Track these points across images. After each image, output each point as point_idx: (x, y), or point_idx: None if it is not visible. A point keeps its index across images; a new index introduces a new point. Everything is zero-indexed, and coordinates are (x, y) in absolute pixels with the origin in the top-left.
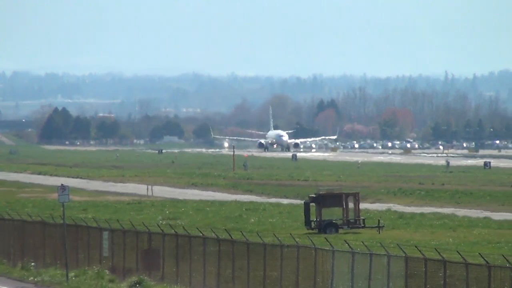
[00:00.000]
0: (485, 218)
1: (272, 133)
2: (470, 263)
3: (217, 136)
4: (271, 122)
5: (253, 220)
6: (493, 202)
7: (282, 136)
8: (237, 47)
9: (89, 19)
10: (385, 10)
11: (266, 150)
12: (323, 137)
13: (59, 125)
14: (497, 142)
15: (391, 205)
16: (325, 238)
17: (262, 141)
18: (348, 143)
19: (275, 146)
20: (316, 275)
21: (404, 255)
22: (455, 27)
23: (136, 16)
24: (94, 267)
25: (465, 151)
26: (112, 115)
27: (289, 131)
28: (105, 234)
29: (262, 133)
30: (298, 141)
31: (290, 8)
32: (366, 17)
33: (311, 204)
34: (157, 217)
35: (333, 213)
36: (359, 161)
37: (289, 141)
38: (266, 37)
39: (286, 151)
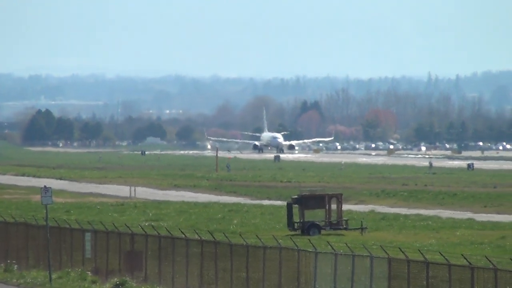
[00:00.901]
0: (468, 219)
1: (267, 135)
2: (453, 264)
3: (210, 138)
4: (265, 124)
5: (236, 222)
6: (476, 203)
7: (277, 138)
8: (219, 49)
9: (71, 21)
10: (368, 11)
11: (261, 152)
12: (319, 138)
13: (42, 127)
14: (480, 143)
15: (374, 206)
16: (308, 239)
17: (257, 143)
18: (331, 144)
19: (269, 148)
20: (299, 277)
21: (387, 256)
22: (438, 28)
23: (118, 18)
24: (77, 268)
25: (448, 153)
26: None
27: (283, 133)
28: (88, 236)
29: (249, 133)
30: (293, 142)
31: (272, 10)
32: (349, 19)
33: (294, 205)
34: (140, 219)
35: (316, 215)
36: (342, 163)
37: (284, 142)
38: (249, 38)
39: (280, 152)
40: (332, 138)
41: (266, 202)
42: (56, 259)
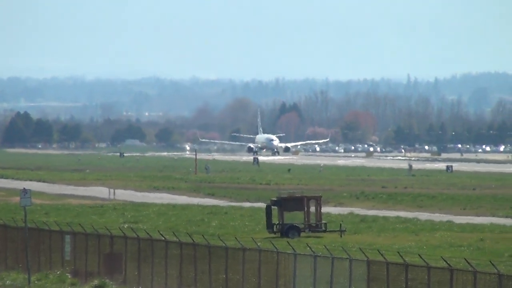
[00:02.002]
0: (447, 221)
1: (262, 137)
2: (432, 266)
3: (204, 140)
4: (260, 126)
5: (215, 224)
6: (455, 205)
7: (272, 140)
8: (198, 51)
9: (51, 22)
10: (347, 13)
11: (255, 154)
12: (315, 140)
13: (21, 129)
14: (459, 145)
15: (353, 208)
16: (287, 241)
17: (252, 145)
18: (309, 146)
19: (264, 150)
20: (278, 279)
21: (366, 258)
22: (417, 30)
23: (97, 20)
24: (56, 270)
25: (428, 155)
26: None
27: (278, 135)
28: (67, 238)
29: (245, 136)
30: (289, 145)
31: (251, 11)
32: (328, 20)
33: (273, 207)
34: (119, 221)
35: (295, 217)
36: (321, 165)
37: (280, 145)
38: (228, 40)
39: (276, 155)
40: (328, 140)
41: (245, 204)
42: (35, 261)
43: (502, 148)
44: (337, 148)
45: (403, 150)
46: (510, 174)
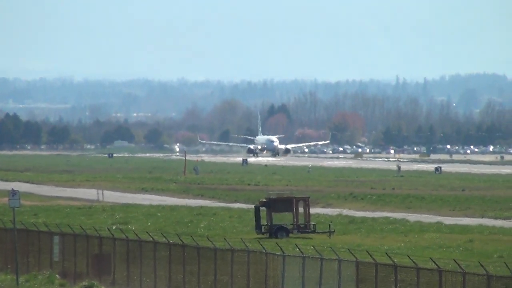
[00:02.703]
0: (436, 222)
1: (262, 138)
2: (421, 267)
3: (202, 141)
4: (260, 127)
5: (203, 225)
6: (444, 206)
7: (273, 141)
8: (187, 52)
9: (39, 24)
10: (335, 14)
11: (256, 155)
12: (316, 142)
13: (10, 130)
14: (448, 146)
15: (342, 209)
16: (276, 242)
17: (252, 146)
18: (297, 147)
19: (264, 152)
20: (267, 280)
21: (355, 259)
22: (406, 31)
23: (86, 21)
24: (45, 271)
25: (416, 156)
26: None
27: (278, 136)
28: (56, 239)
29: (242, 136)
30: (289, 146)
31: (239, 12)
32: (317, 22)
33: (261, 208)
34: (107, 222)
35: (283, 218)
36: (310, 166)
37: (280, 146)
38: (216, 42)
39: (276, 156)
40: (329, 141)
41: (234, 205)
42: (23, 262)
43: (491, 149)
44: (325, 149)
45: (392, 151)
46: (499, 175)
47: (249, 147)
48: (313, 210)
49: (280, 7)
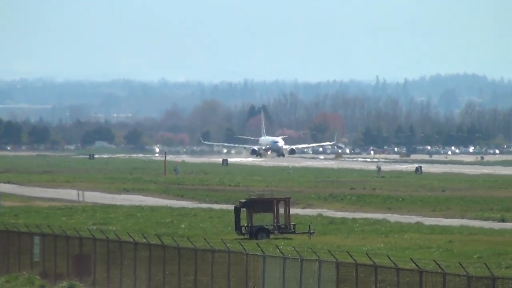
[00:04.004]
0: (416, 223)
1: (266, 139)
2: (402, 268)
3: (207, 143)
4: (263, 128)
5: (184, 225)
6: (424, 207)
7: (277, 142)
8: (167, 53)
9: (20, 24)
10: (315, 14)
11: (259, 156)
12: (321, 143)
13: None
14: (429, 147)
15: (322, 210)
16: (256, 243)
17: (255, 147)
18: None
19: (269, 152)
20: (248, 281)
21: (335, 260)
22: (386, 32)
23: (67, 21)
24: (25, 272)
25: (397, 156)
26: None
27: (283, 137)
28: (36, 239)
29: (246, 137)
30: (294, 147)
31: (219, 13)
32: (296, 22)
33: (242, 209)
34: (88, 223)
35: (264, 219)
36: (290, 166)
37: (285, 147)
38: (196, 42)
39: (281, 157)
40: (334, 142)
41: (214, 206)
42: (4, 263)
43: (471, 149)
44: (305, 150)
45: (372, 152)
46: (479, 175)
47: (253, 148)
48: (293, 211)
49: (261, 7)
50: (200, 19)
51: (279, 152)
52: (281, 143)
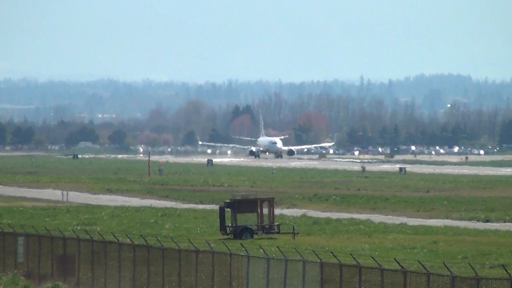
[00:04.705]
0: (400, 223)
1: (264, 139)
2: (386, 268)
3: (203, 143)
4: (262, 128)
5: (168, 226)
6: (408, 207)
7: (275, 143)
8: (151, 53)
9: (3, 24)
10: (299, 15)
11: (257, 157)
12: (320, 144)
13: None
14: (413, 147)
15: (306, 210)
16: (241, 243)
17: (253, 148)
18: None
19: (267, 153)
20: (232, 281)
21: (319, 260)
22: (371, 32)
23: (50, 21)
24: (9, 273)
25: (381, 157)
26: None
27: (282, 138)
28: (20, 240)
29: (245, 138)
30: (293, 148)
31: (203, 14)
32: (281, 23)
33: (226, 209)
34: (72, 223)
35: (248, 219)
36: (274, 167)
37: (283, 148)
38: (181, 43)
39: (279, 158)
40: (333, 143)
41: (198, 206)
42: None
43: (455, 149)
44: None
45: (356, 152)
46: (463, 176)
47: (251, 149)
48: (277, 211)
49: (244, 8)
50: (184, 20)
51: (277, 153)
52: (279, 144)
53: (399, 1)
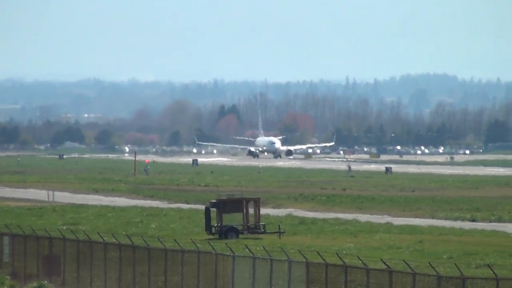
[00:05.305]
0: (386, 223)
1: (263, 139)
2: (371, 268)
3: (200, 143)
4: (261, 128)
5: (154, 226)
6: (394, 207)
7: (274, 143)
8: (137, 52)
9: None
10: (285, 14)
11: (256, 157)
12: (321, 144)
13: None
14: (399, 147)
15: (292, 210)
16: (226, 243)
17: (252, 148)
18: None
19: (266, 153)
20: (217, 280)
21: (305, 260)
22: (356, 31)
23: (36, 21)
24: None
25: (367, 156)
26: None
27: (280, 138)
28: (6, 240)
29: (244, 138)
30: (292, 148)
31: (188, 12)
32: (267, 22)
33: (212, 209)
34: (58, 223)
35: (234, 219)
36: (260, 166)
37: (282, 148)
38: (166, 42)
39: (278, 158)
40: (334, 143)
41: (184, 206)
42: None
43: (441, 149)
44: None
45: (341, 152)
46: (449, 175)
47: (249, 149)
48: (263, 211)
49: (230, 8)
50: (170, 19)
51: (276, 153)
52: (277, 144)
53: (384, 1)
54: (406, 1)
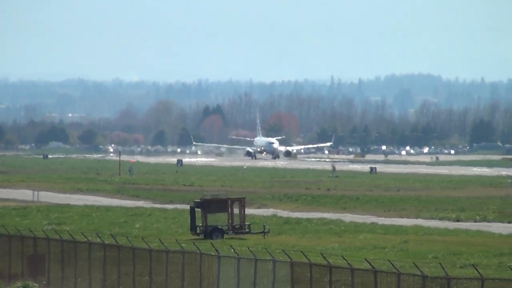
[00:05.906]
0: (371, 223)
1: (261, 140)
2: (356, 268)
3: (198, 144)
4: (259, 128)
5: (138, 225)
6: (379, 207)
7: (272, 143)
8: (121, 52)
9: None
10: (269, 14)
11: (254, 158)
12: (319, 144)
13: None
14: (383, 147)
15: (277, 210)
16: (211, 243)
17: (250, 149)
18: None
19: (264, 154)
20: (202, 281)
21: (289, 260)
22: (341, 31)
23: (20, 20)
24: None
25: (351, 156)
26: None
27: (278, 138)
28: None
29: (241, 138)
30: (290, 148)
31: (173, 13)
32: (251, 22)
33: (196, 209)
34: (42, 223)
35: (218, 219)
36: (245, 167)
37: (280, 148)
38: (151, 42)
39: (276, 159)
40: (332, 143)
41: (169, 206)
42: None
43: (426, 149)
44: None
45: (326, 152)
46: (434, 175)
47: (247, 150)
48: (248, 211)
49: (214, 7)
50: (154, 19)
51: (274, 154)
52: (276, 144)
53: (369, 1)
54: (391, 2)
